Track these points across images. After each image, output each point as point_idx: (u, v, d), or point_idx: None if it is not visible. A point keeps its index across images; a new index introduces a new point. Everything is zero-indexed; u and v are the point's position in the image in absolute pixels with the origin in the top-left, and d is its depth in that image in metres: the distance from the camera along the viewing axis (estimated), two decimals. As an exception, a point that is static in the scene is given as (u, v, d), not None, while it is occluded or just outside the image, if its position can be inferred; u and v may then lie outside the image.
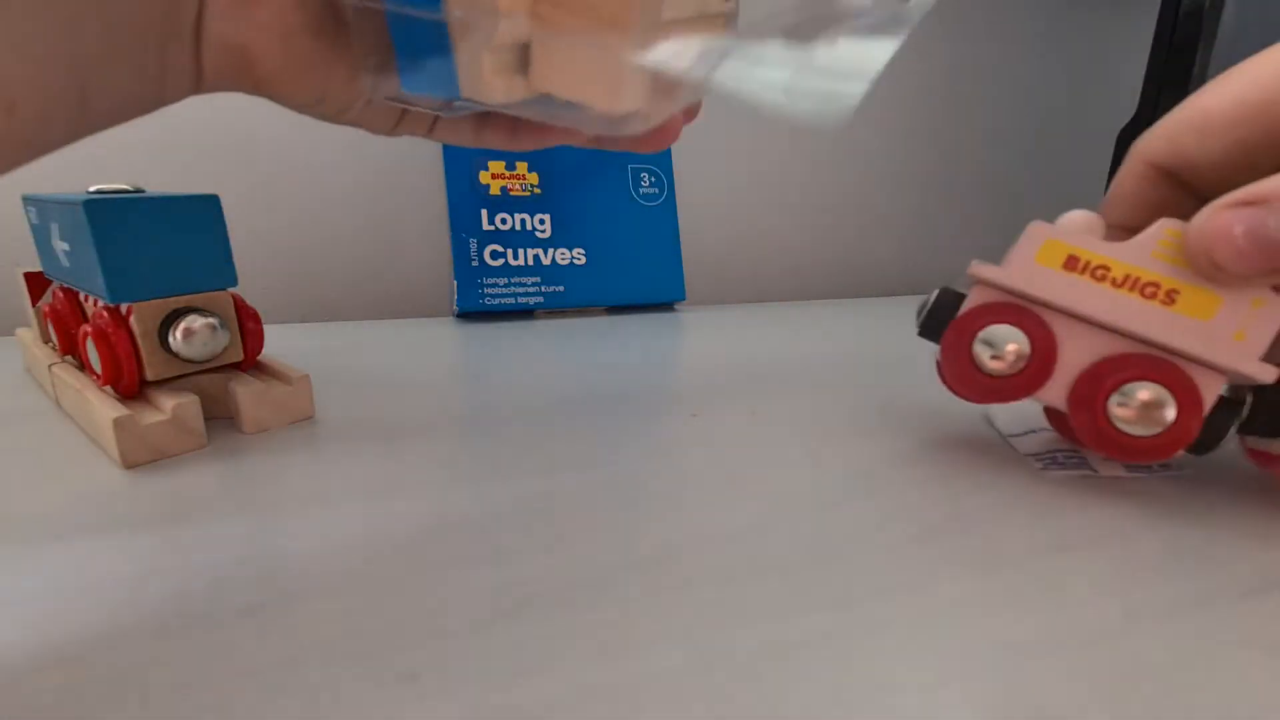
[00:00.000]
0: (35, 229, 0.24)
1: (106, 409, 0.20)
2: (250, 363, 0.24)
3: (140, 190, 0.22)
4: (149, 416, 0.20)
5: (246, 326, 0.24)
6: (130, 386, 0.21)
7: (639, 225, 0.45)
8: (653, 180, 0.46)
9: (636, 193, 0.45)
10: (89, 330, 0.21)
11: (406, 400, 0.27)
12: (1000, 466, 0.21)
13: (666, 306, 0.47)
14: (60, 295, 0.24)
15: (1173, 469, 0.21)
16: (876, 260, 0.58)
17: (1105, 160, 0.64)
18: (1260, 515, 0.19)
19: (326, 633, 0.13)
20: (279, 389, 0.23)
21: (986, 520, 0.18)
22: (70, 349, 0.25)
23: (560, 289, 0.43)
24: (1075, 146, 0.62)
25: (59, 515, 0.18)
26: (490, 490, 0.19)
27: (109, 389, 0.21)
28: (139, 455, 0.20)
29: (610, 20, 0.13)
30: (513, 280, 0.42)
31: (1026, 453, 0.22)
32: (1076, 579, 0.16)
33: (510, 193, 0.42)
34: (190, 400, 0.21)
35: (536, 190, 0.43)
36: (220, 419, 0.24)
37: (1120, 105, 0.63)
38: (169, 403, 0.21)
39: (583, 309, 0.44)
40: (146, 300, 0.21)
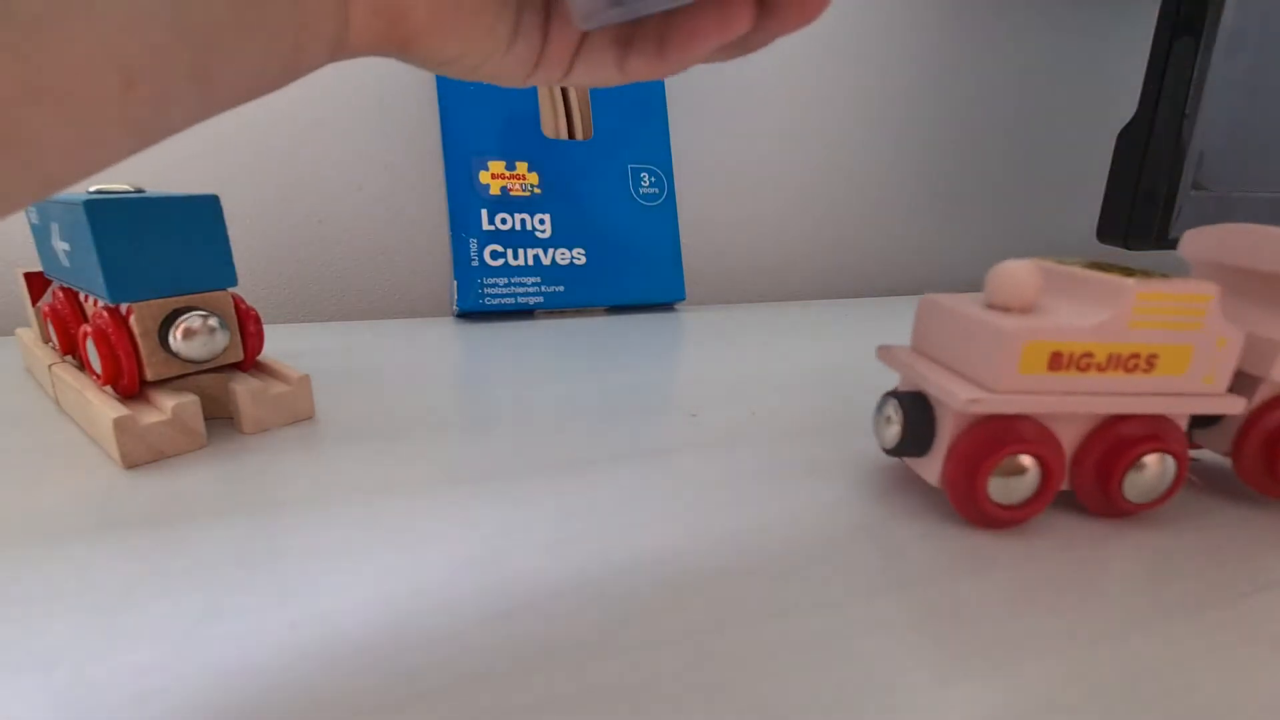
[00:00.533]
0: (35, 229, 0.24)
1: (106, 409, 0.20)
2: (250, 363, 0.24)
3: (140, 190, 0.22)
4: (149, 416, 0.21)
5: (246, 327, 0.24)
6: (130, 386, 0.21)
7: (639, 225, 0.45)
8: (653, 180, 0.46)
9: (636, 193, 0.45)
10: (89, 330, 0.21)
11: (406, 400, 0.27)
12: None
13: (666, 306, 0.47)
14: (60, 295, 0.24)
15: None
16: (876, 260, 0.58)
17: (1105, 160, 0.64)
18: (1260, 515, 0.19)
19: (326, 632, 0.13)
20: (279, 389, 0.23)
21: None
22: (70, 349, 0.25)
23: (560, 289, 0.43)
24: (1075, 146, 0.62)
25: (59, 515, 0.18)
26: (490, 490, 0.20)
27: (109, 389, 0.21)
28: (139, 455, 0.20)
29: None
30: (513, 280, 0.42)
31: None
32: (1076, 579, 0.16)
33: (510, 193, 0.42)
34: (190, 400, 0.21)
35: (536, 190, 0.43)
36: (220, 419, 0.24)
37: (1120, 105, 0.63)
38: (169, 403, 0.21)
39: (583, 309, 0.44)
40: (146, 300, 0.21)
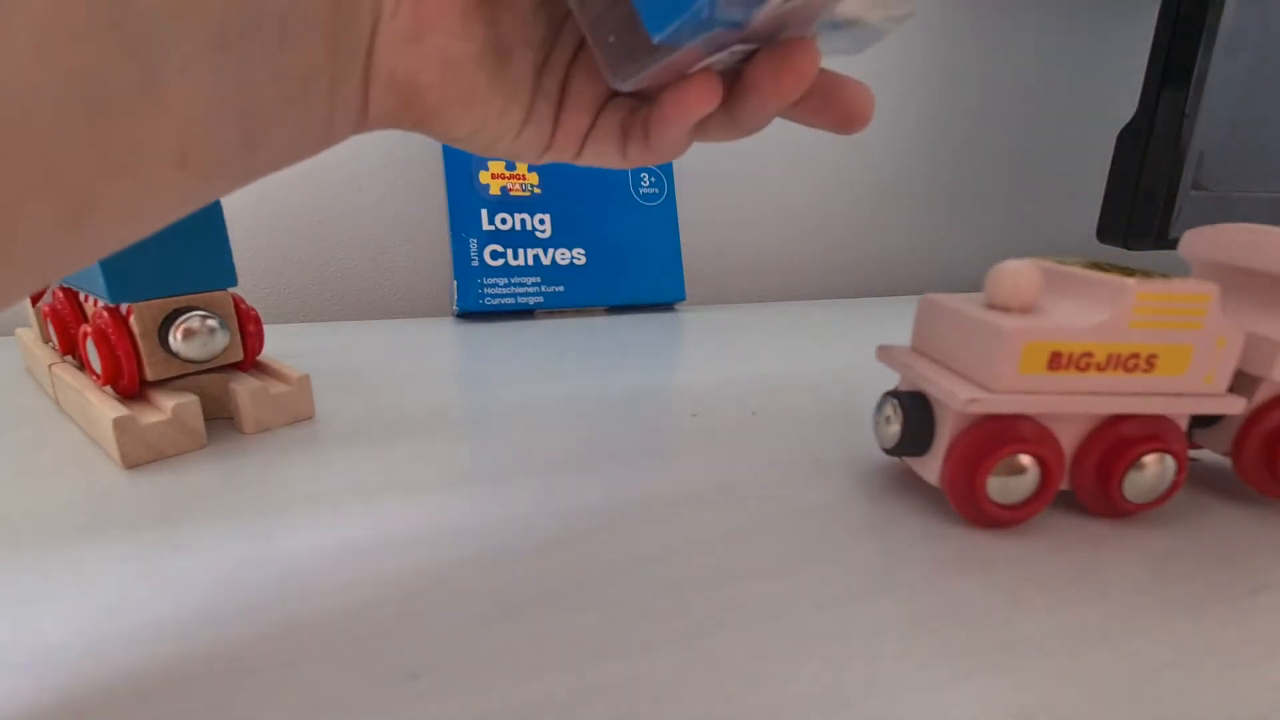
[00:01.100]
0: (35, 229, 0.24)
1: (106, 409, 0.20)
2: (250, 363, 0.24)
3: (140, 190, 0.22)
4: (149, 416, 0.21)
5: (246, 327, 0.24)
6: (130, 386, 0.21)
7: (639, 225, 0.45)
8: (653, 180, 0.46)
9: (636, 193, 0.45)
10: (89, 330, 0.21)
11: (406, 400, 0.27)
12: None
13: (666, 306, 0.47)
14: (60, 295, 0.24)
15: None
16: (876, 260, 0.58)
17: (1105, 160, 0.64)
18: (1260, 515, 0.19)
19: (326, 632, 0.13)
20: (279, 389, 0.23)
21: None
22: (70, 349, 0.25)
23: (560, 289, 0.43)
24: (1075, 146, 0.62)
25: (59, 515, 0.18)
26: (490, 490, 0.20)
27: (109, 389, 0.21)
28: (139, 455, 0.20)
29: None
30: (513, 280, 0.42)
31: None
32: (1076, 579, 0.16)
33: (510, 193, 0.42)
34: (190, 400, 0.21)
35: (536, 190, 0.43)
36: (220, 419, 0.24)
37: (1120, 105, 0.63)
38: (169, 403, 0.21)
39: (583, 309, 0.44)
40: (146, 300, 0.21)
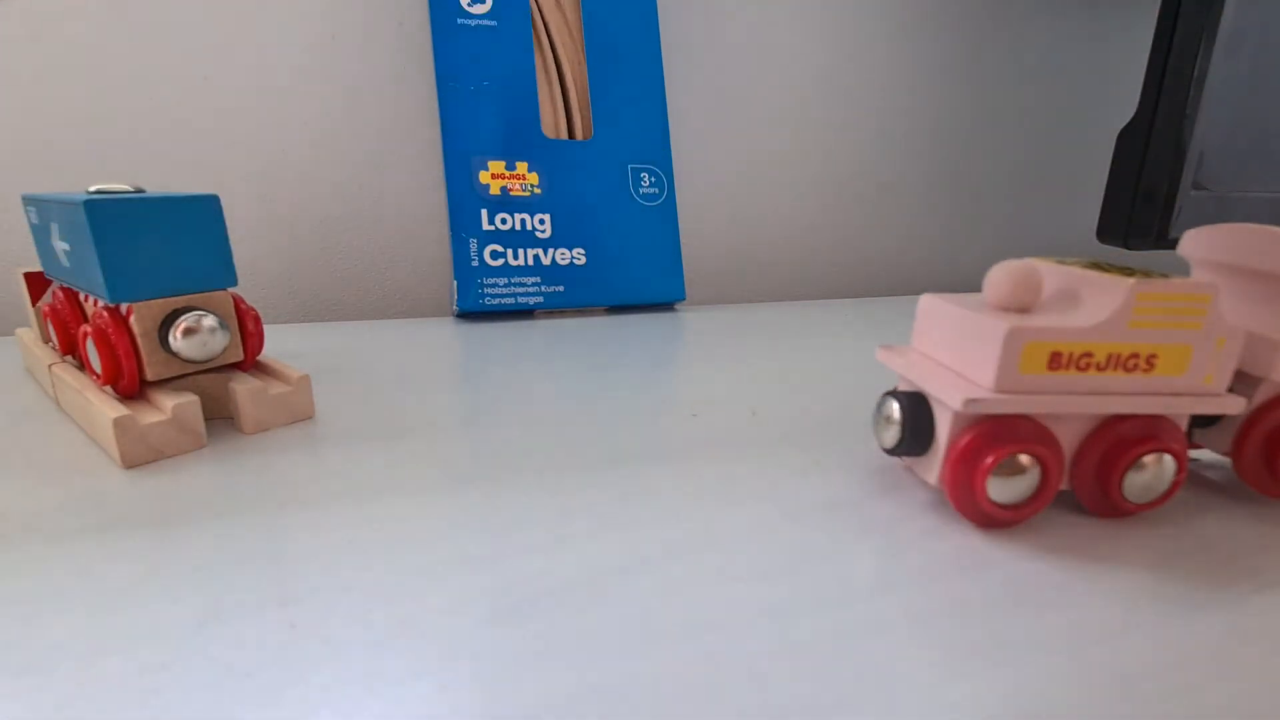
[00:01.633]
0: (35, 229, 0.24)
1: (106, 409, 0.20)
2: (250, 363, 0.24)
3: (140, 190, 0.22)
4: (149, 416, 0.21)
5: (246, 327, 0.24)
6: (130, 386, 0.21)
7: (639, 225, 0.45)
8: (653, 180, 0.46)
9: (636, 193, 0.45)
10: (89, 330, 0.21)
11: (406, 400, 0.27)
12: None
13: (666, 306, 0.47)
14: (60, 295, 0.24)
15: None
16: (877, 260, 0.58)
17: (1105, 160, 0.64)
18: (1260, 515, 0.19)
19: (326, 633, 0.13)
20: (279, 389, 0.23)
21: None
22: (70, 349, 0.25)
23: (560, 289, 0.43)
24: (1075, 146, 0.62)
25: (59, 515, 0.18)
26: (490, 490, 0.20)
27: (109, 389, 0.21)
28: (139, 455, 0.20)
29: None
30: (513, 280, 0.42)
31: None
32: (1076, 579, 0.16)
33: (510, 193, 0.42)
34: (190, 400, 0.21)
35: (536, 190, 0.43)
36: (220, 419, 0.24)
37: (1120, 105, 0.63)
38: (169, 403, 0.21)
39: (583, 309, 0.44)
40: (146, 300, 0.21)
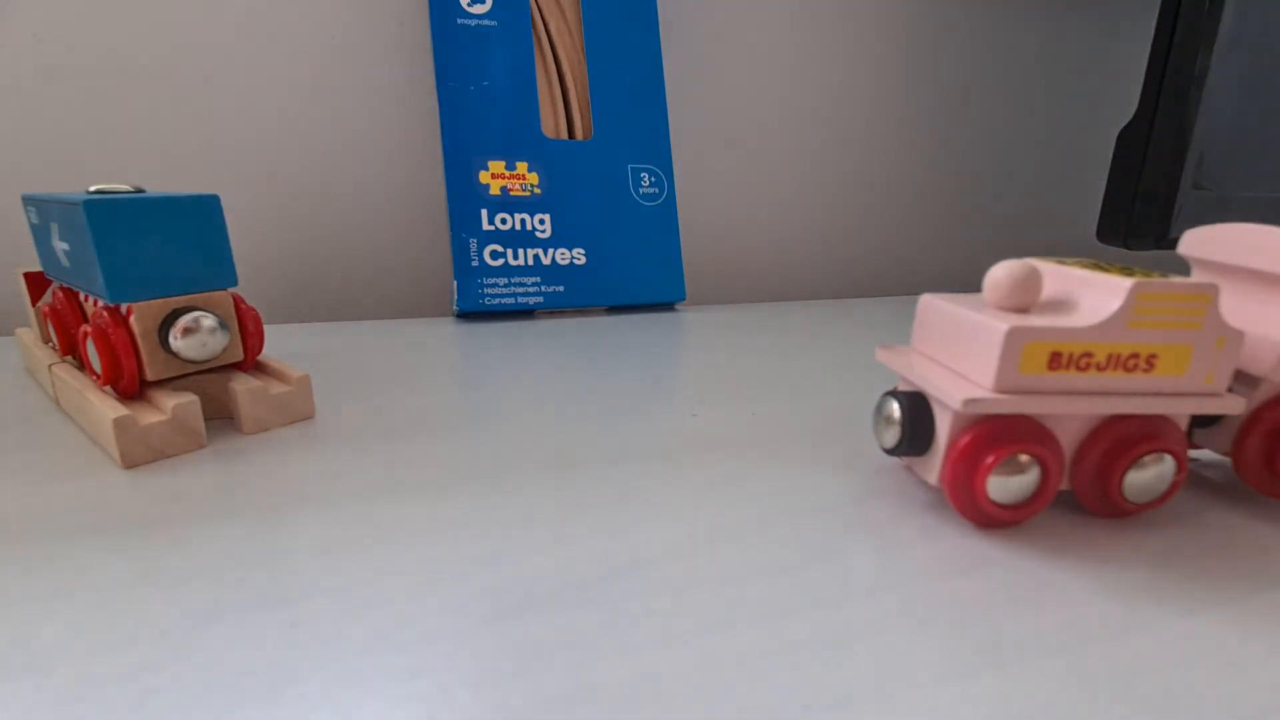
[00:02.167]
0: (35, 229, 0.24)
1: (106, 409, 0.20)
2: (250, 363, 0.24)
3: (140, 190, 0.22)
4: (149, 416, 0.21)
5: (246, 326, 0.24)
6: (130, 386, 0.21)
7: (639, 225, 0.45)
8: (653, 180, 0.46)
9: (636, 193, 0.45)
10: (89, 330, 0.21)
11: (406, 400, 0.27)
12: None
13: (666, 306, 0.47)
14: (60, 295, 0.24)
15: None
16: (876, 260, 0.58)
17: (1105, 160, 0.64)
18: (1260, 515, 0.19)
19: (326, 633, 0.13)
20: (279, 389, 0.23)
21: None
22: (70, 349, 0.25)
23: (560, 289, 0.43)
24: (1075, 146, 0.62)
25: (59, 515, 0.18)
26: (490, 490, 0.20)
27: (109, 389, 0.21)
28: (139, 455, 0.20)
29: None
30: (513, 280, 0.42)
31: None
32: (1076, 579, 0.16)
33: (510, 193, 0.42)
34: (190, 400, 0.21)
35: (536, 190, 0.43)
36: (220, 419, 0.24)
37: (1120, 105, 0.63)
38: (169, 403, 0.21)
39: (583, 309, 0.44)
40: (146, 300, 0.21)
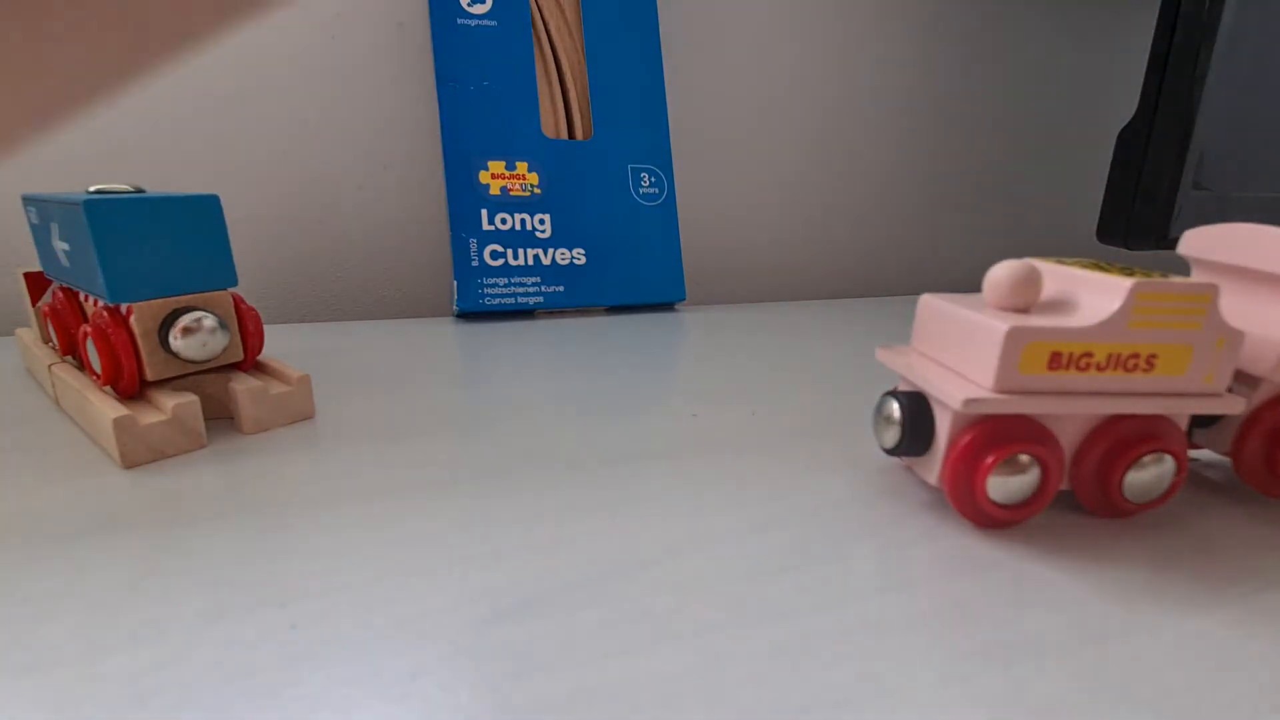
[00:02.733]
0: (35, 229, 0.24)
1: (106, 409, 0.20)
2: (250, 363, 0.24)
3: (140, 190, 0.22)
4: (149, 416, 0.20)
5: (246, 326, 0.24)
6: (130, 386, 0.21)
7: (639, 225, 0.45)
8: (653, 180, 0.46)
9: (636, 193, 0.45)
10: (89, 330, 0.21)
11: (406, 400, 0.27)
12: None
13: (666, 306, 0.47)
14: (60, 295, 0.24)
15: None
16: (876, 260, 0.58)
17: (1105, 160, 0.64)
18: (1260, 515, 0.19)
19: (326, 633, 0.13)
20: (279, 389, 0.23)
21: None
22: (70, 349, 0.25)
23: (560, 289, 0.43)
24: (1075, 146, 0.62)
25: (59, 515, 0.18)
26: (490, 490, 0.20)
27: (109, 389, 0.21)
28: (139, 455, 0.20)
29: None
30: (513, 280, 0.42)
31: None
32: (1076, 579, 0.16)
33: (510, 193, 0.42)
34: (190, 400, 0.21)
35: (536, 190, 0.43)
36: (220, 419, 0.24)
37: (1120, 105, 0.63)
38: (169, 403, 0.21)
39: (583, 309, 0.44)
40: (146, 300, 0.21)
